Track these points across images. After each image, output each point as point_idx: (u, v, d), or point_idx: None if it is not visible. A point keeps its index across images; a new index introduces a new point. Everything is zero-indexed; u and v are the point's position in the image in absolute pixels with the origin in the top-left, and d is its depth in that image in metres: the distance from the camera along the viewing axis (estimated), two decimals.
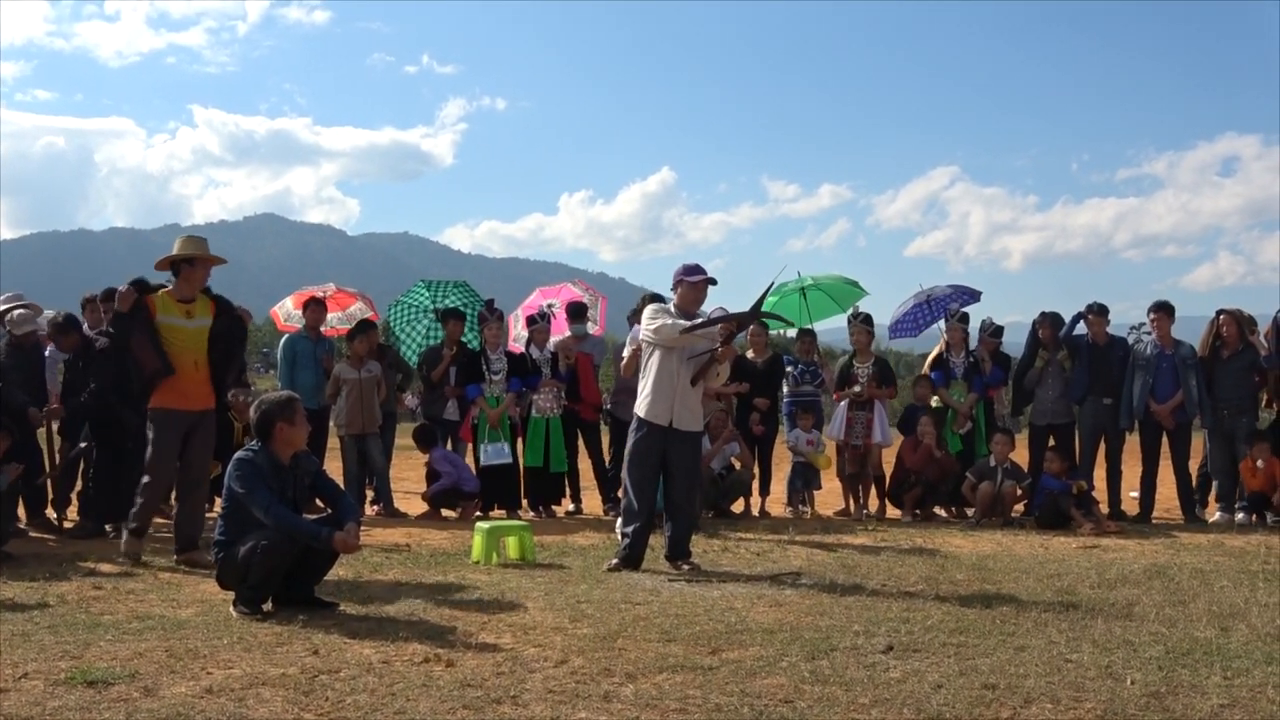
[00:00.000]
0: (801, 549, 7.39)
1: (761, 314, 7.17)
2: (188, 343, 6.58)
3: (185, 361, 6.54)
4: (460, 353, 9.78)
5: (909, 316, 11.42)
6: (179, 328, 6.57)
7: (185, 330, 6.59)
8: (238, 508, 4.91)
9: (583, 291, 11.24)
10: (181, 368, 6.50)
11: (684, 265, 6.60)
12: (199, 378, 6.60)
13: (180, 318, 6.59)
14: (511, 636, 4.38)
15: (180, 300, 6.60)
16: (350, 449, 9.36)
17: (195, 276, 6.62)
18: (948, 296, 11.07)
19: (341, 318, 11.61)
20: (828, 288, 11.20)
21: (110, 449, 7.61)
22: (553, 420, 9.53)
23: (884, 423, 9.85)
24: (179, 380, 6.47)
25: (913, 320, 11.42)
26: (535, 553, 6.71)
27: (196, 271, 6.61)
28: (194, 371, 6.58)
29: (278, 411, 5.03)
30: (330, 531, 4.85)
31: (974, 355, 10.02)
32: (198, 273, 6.62)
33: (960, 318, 10.16)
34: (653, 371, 6.41)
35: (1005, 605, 5.15)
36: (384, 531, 8.13)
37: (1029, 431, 10.02)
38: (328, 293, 11.13)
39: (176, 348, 6.53)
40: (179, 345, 6.54)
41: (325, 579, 5.22)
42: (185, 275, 6.60)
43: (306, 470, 5.17)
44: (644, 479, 6.41)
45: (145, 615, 4.76)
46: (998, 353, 10.20)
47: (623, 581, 5.82)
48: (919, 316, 11.33)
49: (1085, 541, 7.97)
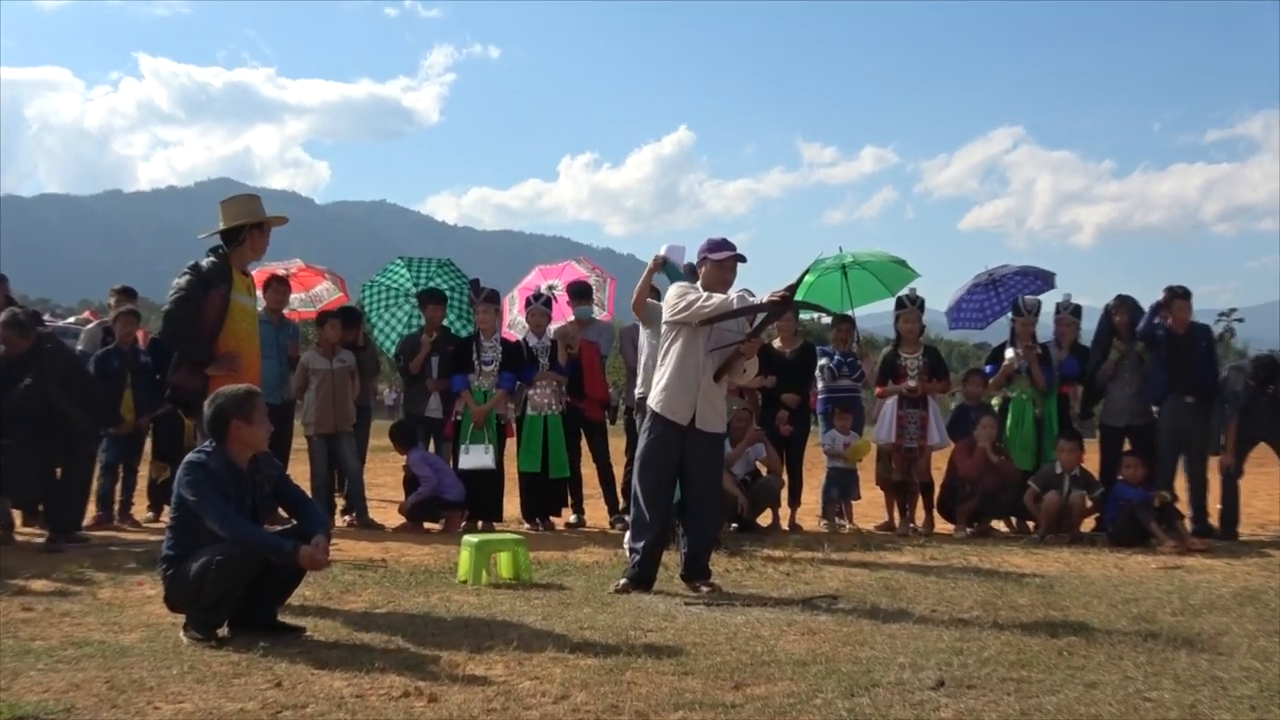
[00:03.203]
0: (838, 568, 7.38)
1: (797, 303, 7.12)
2: (253, 328, 6.45)
3: (251, 350, 6.39)
4: (443, 340, 9.79)
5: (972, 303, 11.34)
6: (248, 309, 6.39)
7: (251, 312, 6.46)
8: (189, 518, 4.92)
9: (588, 271, 11.24)
10: (248, 361, 6.33)
11: (709, 240, 6.57)
12: (257, 369, 6.46)
13: (245, 295, 6.41)
14: (504, 667, 4.38)
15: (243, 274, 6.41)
16: (319, 450, 9.39)
17: (261, 244, 6.42)
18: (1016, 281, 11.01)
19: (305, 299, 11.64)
20: (873, 267, 11.14)
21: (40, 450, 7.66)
22: (552, 419, 9.53)
23: (940, 422, 9.86)
24: (246, 375, 6.17)
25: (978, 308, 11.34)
26: (531, 571, 6.71)
27: (265, 237, 6.43)
28: (256, 362, 6.44)
29: (233, 407, 5.02)
30: (295, 545, 4.85)
31: (1044, 346, 9.97)
32: (265, 239, 6.43)
33: (1035, 311, 10.07)
34: (672, 360, 6.38)
35: (1074, 634, 5.13)
36: (357, 545, 8.14)
37: (1101, 434, 9.98)
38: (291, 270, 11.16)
39: (245, 333, 6.35)
40: (247, 330, 6.37)
41: (289, 600, 5.23)
42: (254, 242, 6.38)
43: (268, 475, 5.18)
44: (658, 486, 6.40)
45: (83, 641, 4.78)
46: (1076, 343, 10.14)
47: (632, 605, 5.82)
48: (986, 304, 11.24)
49: (1166, 561, 7.95)
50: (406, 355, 9.91)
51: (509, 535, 7.25)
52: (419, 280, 10.68)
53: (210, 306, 6.21)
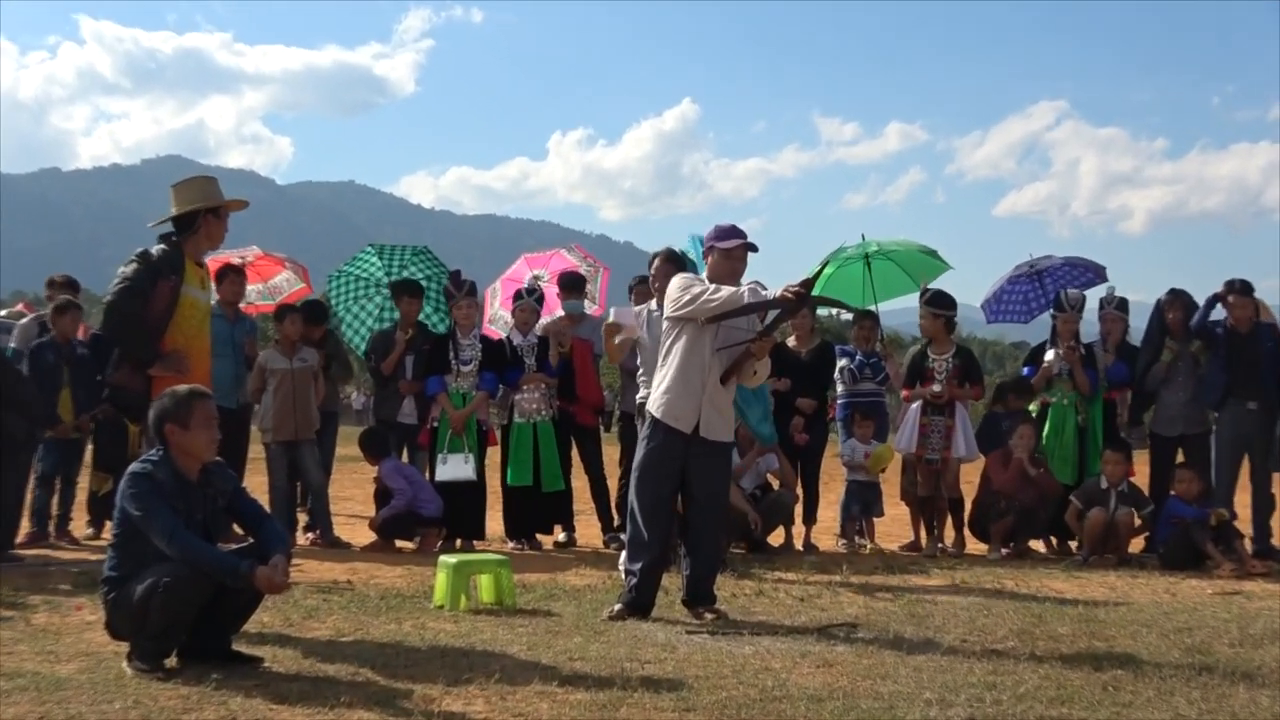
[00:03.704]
0: (858, 593, 7.40)
1: (814, 298, 7.11)
2: (204, 324, 6.49)
3: (200, 348, 6.42)
4: (419, 337, 9.79)
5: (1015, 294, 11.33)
6: (199, 304, 6.43)
7: (203, 307, 6.49)
8: (133, 535, 4.91)
9: (579, 260, 11.25)
10: (197, 360, 6.36)
11: (715, 227, 6.58)
12: (207, 369, 6.51)
13: (198, 288, 6.45)
14: (484, 703, 4.39)
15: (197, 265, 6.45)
16: (278, 460, 9.40)
17: (219, 231, 6.48)
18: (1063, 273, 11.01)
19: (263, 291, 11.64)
20: (899, 257, 11.14)
21: None
22: (541, 426, 9.54)
23: (968, 431, 9.82)
24: (195, 376, 6.20)
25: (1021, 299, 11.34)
26: (515, 595, 6.72)
27: (222, 224, 6.48)
28: (206, 361, 6.50)
29: (169, 410, 5.02)
30: (252, 565, 4.85)
31: (1087, 347, 9.98)
32: (223, 225, 6.49)
33: (1080, 306, 10.06)
34: (675, 361, 6.38)
35: (1120, 668, 5.14)
36: (321, 566, 8.15)
37: (1151, 444, 10.00)
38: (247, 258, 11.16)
39: (195, 329, 6.38)
40: (196, 327, 6.40)
41: (246, 627, 5.24)
42: (209, 229, 6.43)
43: (221, 488, 5.17)
44: (658, 501, 6.41)
45: (15, 672, 4.77)
46: (1123, 342, 10.14)
47: (628, 633, 5.82)
48: (1031, 295, 11.24)
49: (1224, 586, 7.96)
50: (378, 354, 9.91)
51: (491, 555, 7.26)
52: (392, 270, 10.69)
53: (158, 299, 6.22)
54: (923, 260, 11.15)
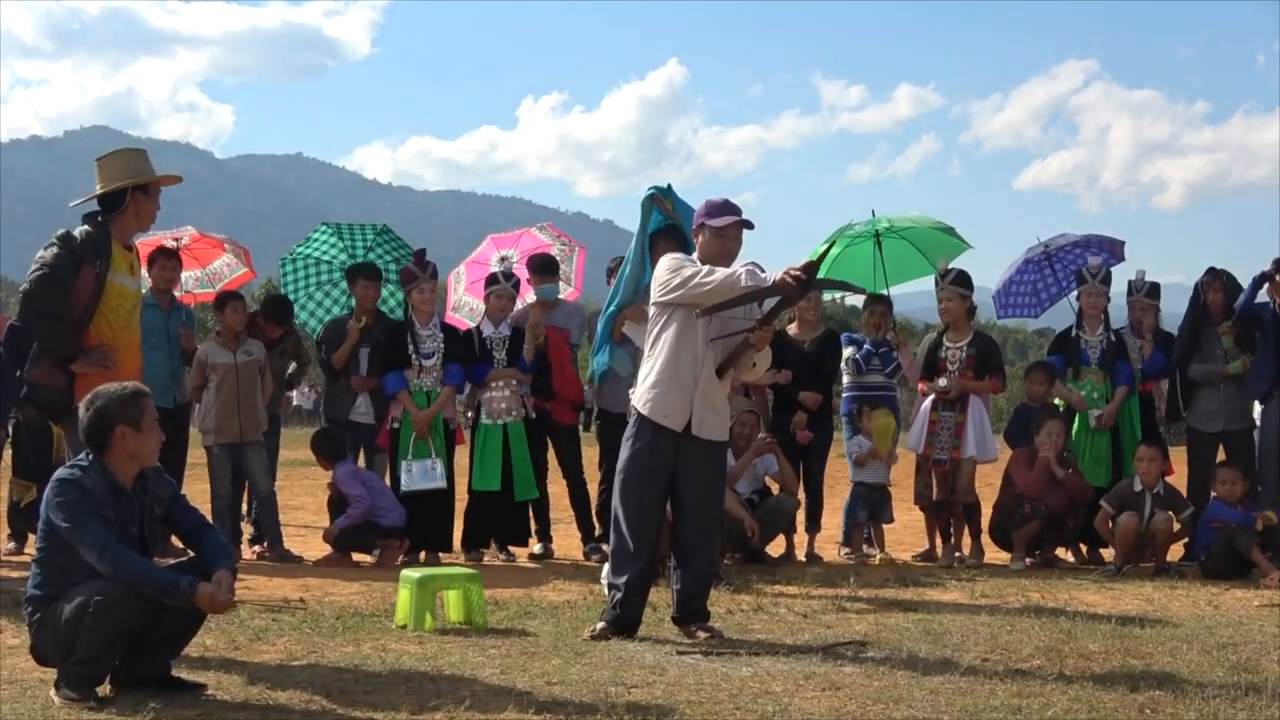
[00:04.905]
0: (867, 608, 7.43)
1: (818, 282, 7.09)
2: (133, 314, 6.53)
3: (129, 342, 6.46)
4: (376, 327, 9.77)
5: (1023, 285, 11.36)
6: (128, 291, 6.48)
7: (132, 295, 6.52)
8: (60, 549, 4.90)
9: (552, 239, 11.24)
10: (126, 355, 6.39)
11: (706, 202, 6.58)
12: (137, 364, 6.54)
13: (126, 274, 6.49)
14: None
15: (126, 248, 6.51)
16: (221, 464, 9.40)
17: (149, 210, 6.52)
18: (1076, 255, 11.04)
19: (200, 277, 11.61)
20: (912, 235, 11.13)
21: None
22: (513, 427, 9.54)
23: (983, 428, 9.79)
24: (123, 371, 6.20)
25: (1029, 290, 11.37)
26: (487, 613, 6.73)
27: (153, 202, 6.51)
28: (136, 356, 6.54)
29: (119, 411, 5.01)
30: (193, 582, 4.85)
31: (1118, 334, 10.00)
32: (154, 204, 6.53)
33: (1103, 277, 10.06)
34: (664, 351, 6.35)
35: (1158, 688, 5.16)
36: (270, 582, 8.16)
37: (1190, 441, 10.04)
38: (182, 240, 11.14)
39: (123, 320, 6.43)
40: (125, 318, 6.45)
41: (186, 651, 5.24)
42: (138, 208, 6.47)
43: (158, 495, 5.17)
44: (645, 507, 6.41)
45: None
46: (1157, 329, 10.16)
47: (612, 654, 5.84)
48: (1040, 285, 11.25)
49: (1272, 596, 8.00)
50: (329, 344, 9.89)
51: (459, 569, 7.26)
52: (356, 253, 10.66)
53: (82, 286, 6.23)
54: (939, 238, 11.13)
